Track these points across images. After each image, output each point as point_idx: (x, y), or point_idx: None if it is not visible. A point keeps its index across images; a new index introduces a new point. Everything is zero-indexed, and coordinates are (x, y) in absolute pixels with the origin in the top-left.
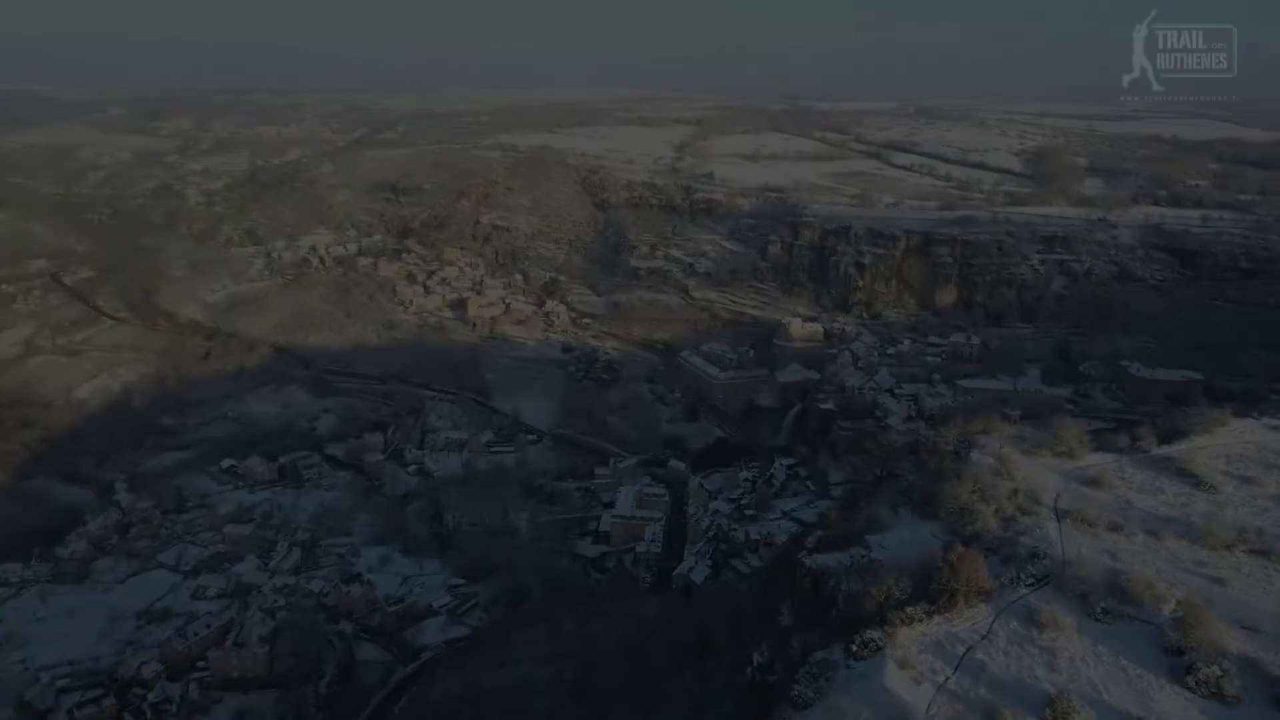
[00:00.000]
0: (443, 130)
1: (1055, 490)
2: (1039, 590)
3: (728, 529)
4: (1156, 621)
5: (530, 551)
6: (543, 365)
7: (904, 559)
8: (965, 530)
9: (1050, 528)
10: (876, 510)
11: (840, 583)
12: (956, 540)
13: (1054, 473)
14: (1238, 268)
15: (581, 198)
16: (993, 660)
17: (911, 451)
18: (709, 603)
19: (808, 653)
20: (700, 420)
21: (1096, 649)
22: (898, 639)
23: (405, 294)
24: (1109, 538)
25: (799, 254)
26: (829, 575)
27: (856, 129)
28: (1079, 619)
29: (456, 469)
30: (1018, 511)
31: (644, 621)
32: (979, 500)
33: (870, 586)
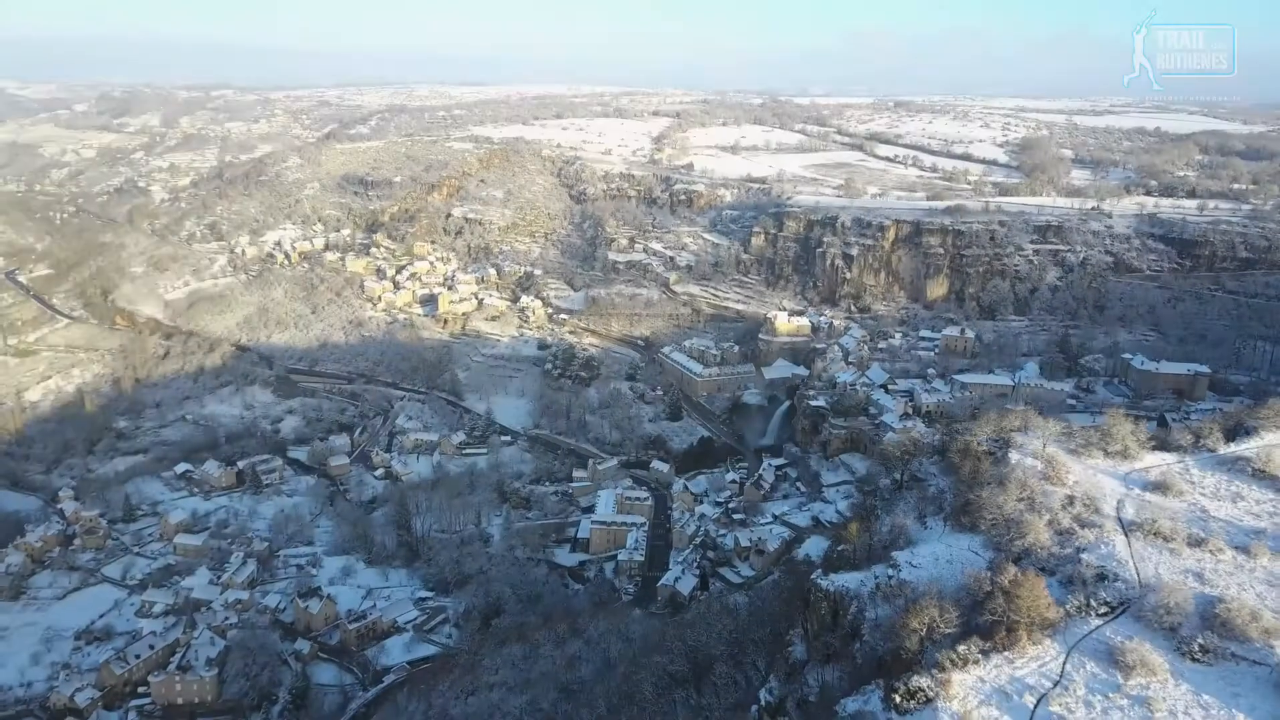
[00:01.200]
0: (415, 124)
1: (1116, 497)
2: (1115, 621)
3: (715, 535)
4: (1270, 663)
5: (504, 560)
6: (517, 363)
7: (941, 581)
8: (1013, 546)
9: (1117, 543)
10: (901, 521)
11: (865, 608)
12: (1004, 558)
13: (1110, 476)
14: (1236, 258)
15: (557, 190)
16: (1073, 715)
17: (936, 452)
18: (702, 622)
19: (830, 695)
20: (683, 419)
21: (1201, 699)
22: (952, 687)
23: (373, 290)
24: (1191, 555)
25: (783, 246)
26: (850, 598)
27: (837, 121)
28: (1171, 659)
29: (426, 472)
30: (1075, 523)
31: (629, 642)
32: (1027, 509)
33: (908, 616)
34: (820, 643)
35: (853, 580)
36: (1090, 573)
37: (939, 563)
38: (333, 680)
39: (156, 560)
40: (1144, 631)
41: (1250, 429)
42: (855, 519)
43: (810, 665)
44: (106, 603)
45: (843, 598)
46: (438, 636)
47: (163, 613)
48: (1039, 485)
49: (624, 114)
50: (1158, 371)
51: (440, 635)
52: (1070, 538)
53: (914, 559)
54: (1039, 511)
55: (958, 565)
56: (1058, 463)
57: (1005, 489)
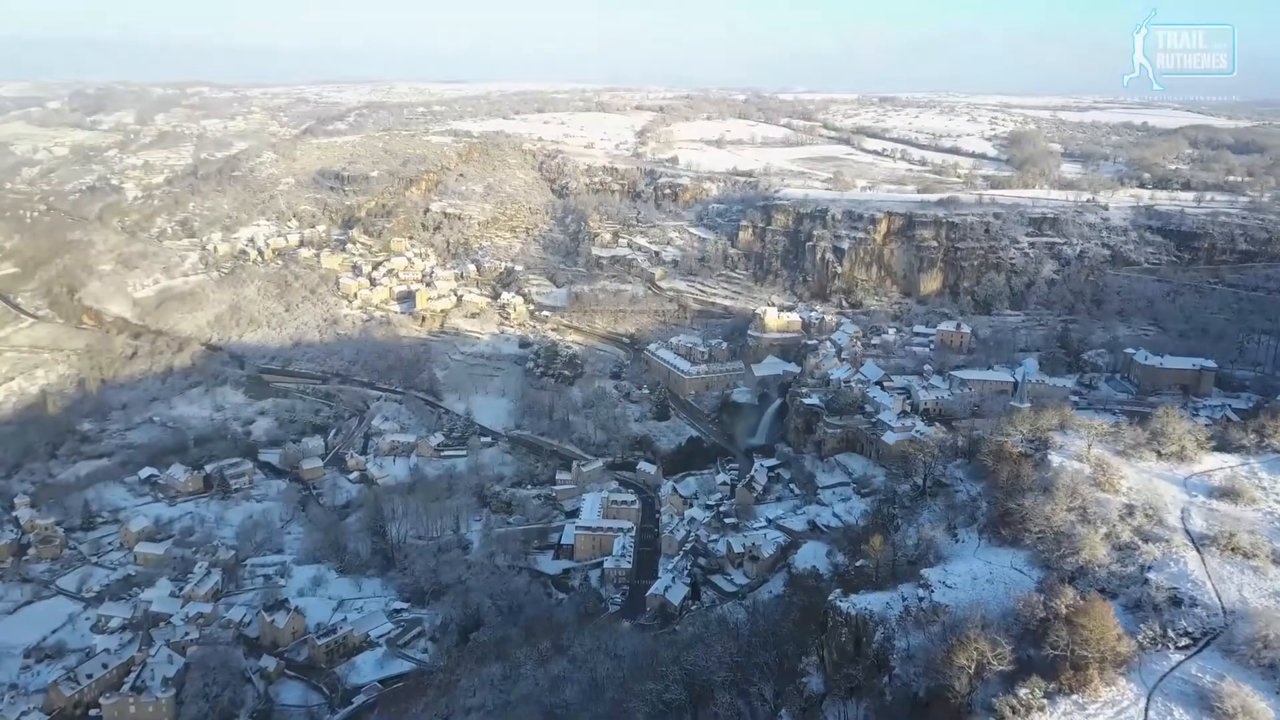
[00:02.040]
0: (393, 120)
1: (1179, 506)
2: (1199, 656)
3: (706, 540)
4: None
5: (484, 569)
6: (498, 361)
7: (983, 604)
8: (1064, 563)
9: (1189, 560)
10: (928, 533)
11: (894, 635)
12: (1056, 578)
13: (1169, 481)
14: (1236, 250)
15: (539, 184)
16: None
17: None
18: (700, 643)
19: None
20: (671, 418)
21: None
22: None
23: (349, 287)
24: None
25: (772, 240)
26: (874, 623)
27: (823, 116)
28: (1276, 703)
29: (403, 475)
30: (1136, 537)
31: (618, 660)
32: (1079, 521)
33: (954, 651)
34: (841, 675)
35: (877, 602)
36: (1161, 596)
37: (978, 583)
38: (299, 700)
39: (116, 571)
40: (1237, 669)
41: None
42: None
43: (829, 701)
44: (60, 617)
45: (866, 622)
46: (412, 651)
47: (120, 627)
48: (1090, 492)
49: (606, 108)
50: (1162, 367)
51: (415, 650)
52: (1132, 554)
53: (948, 578)
54: (1093, 523)
55: (1000, 586)
56: (1108, 466)
57: (1052, 497)
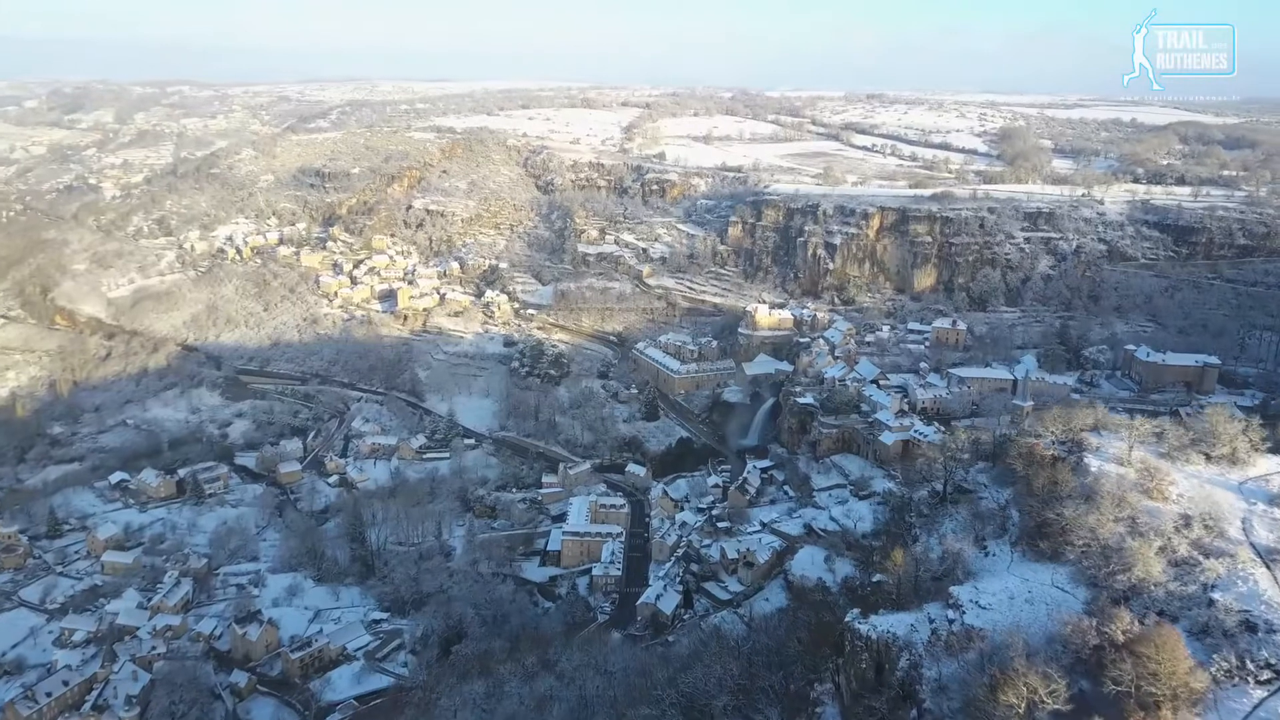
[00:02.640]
0: (376, 117)
1: (1238, 515)
2: None
3: (699, 545)
4: None
5: (467, 577)
6: (482, 361)
7: (1023, 628)
8: (1114, 581)
9: (1259, 578)
10: (954, 545)
11: (921, 663)
12: (1106, 598)
13: (1223, 487)
14: (1234, 245)
15: (524, 180)
16: None
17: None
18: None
19: None
20: (660, 419)
21: None
22: None
23: (329, 285)
24: None
25: (762, 236)
26: (898, 648)
27: (810, 112)
28: None
29: (384, 479)
30: (1196, 551)
31: (608, 677)
32: (1129, 533)
33: (998, 686)
34: (862, 707)
35: (900, 624)
36: (1232, 620)
37: (1015, 603)
38: (270, 717)
39: (82, 581)
40: None
41: None
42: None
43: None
44: (21, 630)
45: (889, 647)
46: (392, 665)
47: (84, 641)
48: (1138, 500)
49: (592, 105)
50: (1164, 363)
51: (394, 664)
52: (1192, 570)
53: (981, 597)
54: (1145, 535)
55: (1041, 606)
56: (1156, 471)
57: (1096, 506)
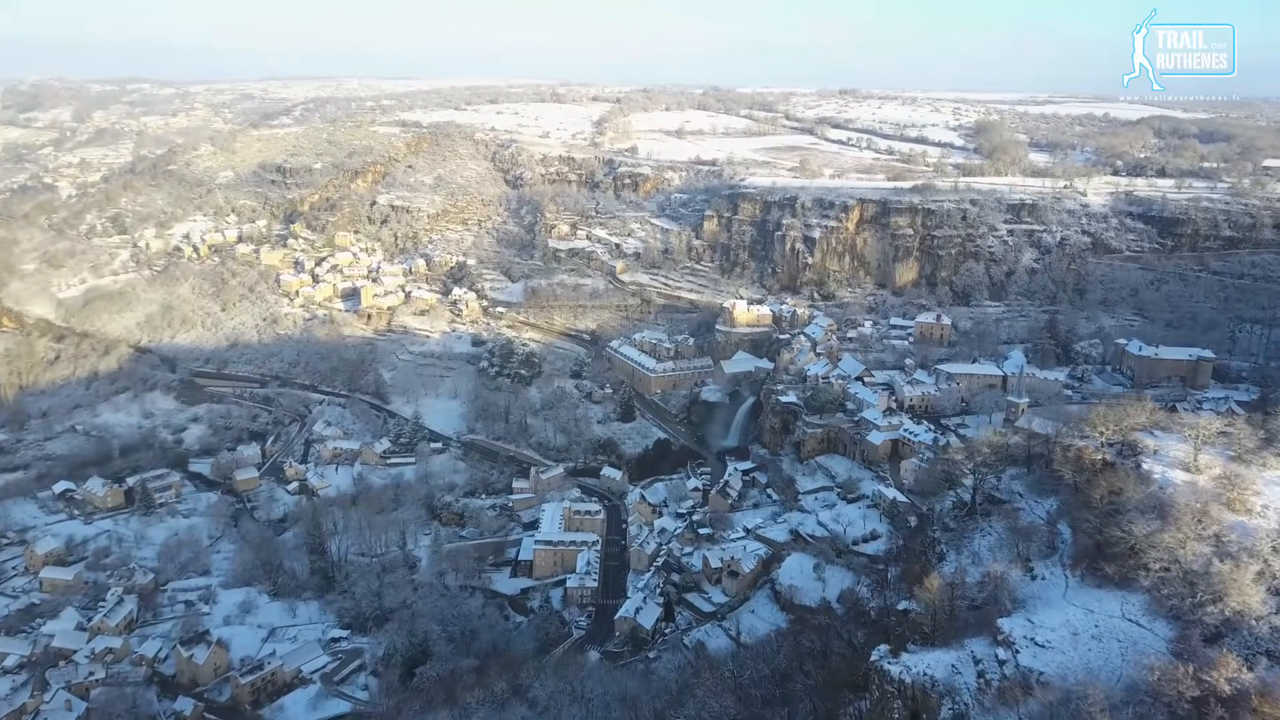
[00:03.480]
0: (341, 113)
1: None
2: None
3: (680, 554)
4: None
5: (432, 590)
6: (449, 361)
7: (1094, 672)
8: (1203, 614)
9: None
10: (995, 567)
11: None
12: (1197, 636)
13: None
14: (1219, 236)
15: (492, 175)
16: None
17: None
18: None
19: None
20: (636, 420)
21: None
22: None
23: (290, 284)
24: None
25: (738, 230)
26: (939, 694)
27: (784, 107)
28: None
29: (346, 485)
30: None
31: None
32: (1216, 554)
33: None
34: None
35: (938, 664)
36: None
37: (1080, 640)
38: None
39: (18, 599)
40: None
41: None
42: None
43: None
44: None
45: (926, 693)
46: (350, 689)
47: (16, 666)
48: (1220, 514)
49: (562, 100)
50: (1158, 357)
51: (354, 687)
52: None
53: (1036, 632)
54: (1236, 557)
55: (1113, 645)
56: (1238, 479)
57: (1171, 521)
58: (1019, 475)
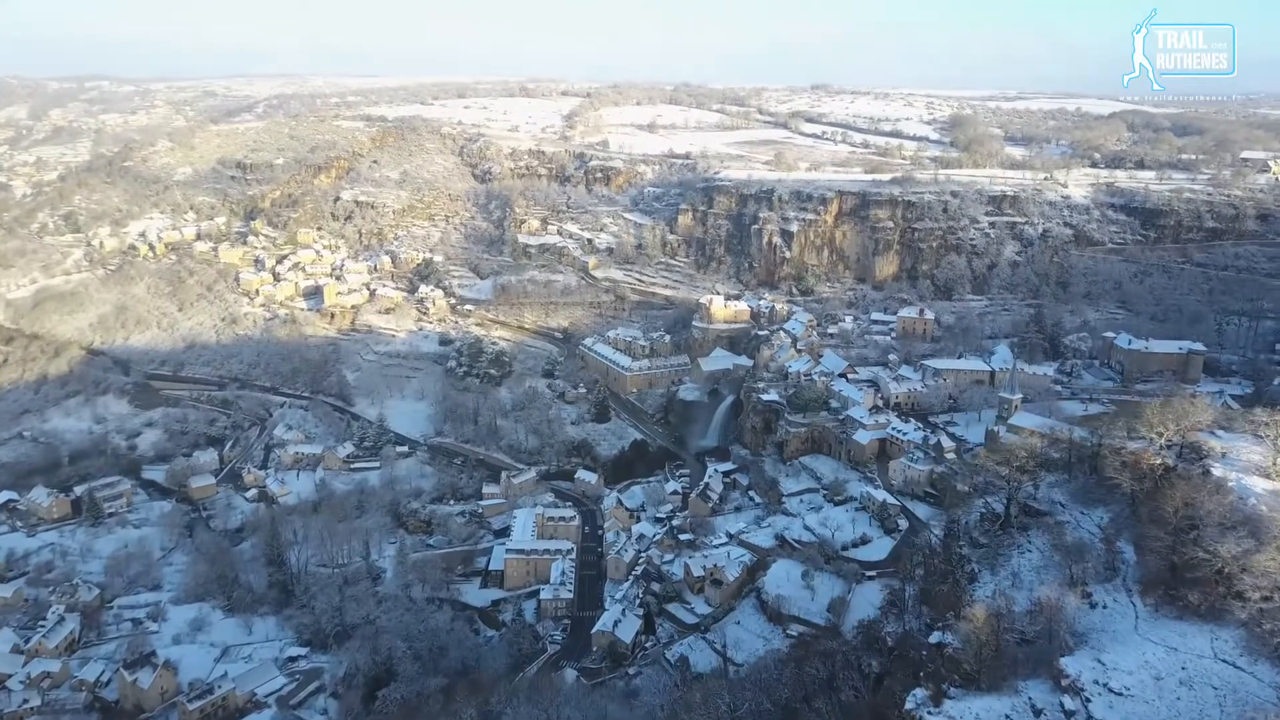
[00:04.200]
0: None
1: None
2: None
3: (660, 561)
4: None
5: (398, 603)
6: (416, 361)
7: None
8: None
9: None
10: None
11: None
12: None
13: None
14: (1203, 228)
15: (459, 169)
16: None
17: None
18: None
19: None
20: (611, 420)
21: None
22: None
23: (250, 282)
24: None
25: (714, 224)
26: None
27: (756, 102)
28: None
29: (308, 492)
30: None
31: None
32: None
33: None
34: None
35: (990, 714)
36: None
37: (1164, 686)
38: None
39: None
40: None
41: None
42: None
43: None
44: None
45: None
46: (308, 713)
47: None
48: None
49: (531, 94)
50: (1148, 351)
51: (312, 710)
52: None
53: (1110, 675)
54: None
55: (1207, 692)
56: None
57: (1268, 540)
58: (1059, 482)
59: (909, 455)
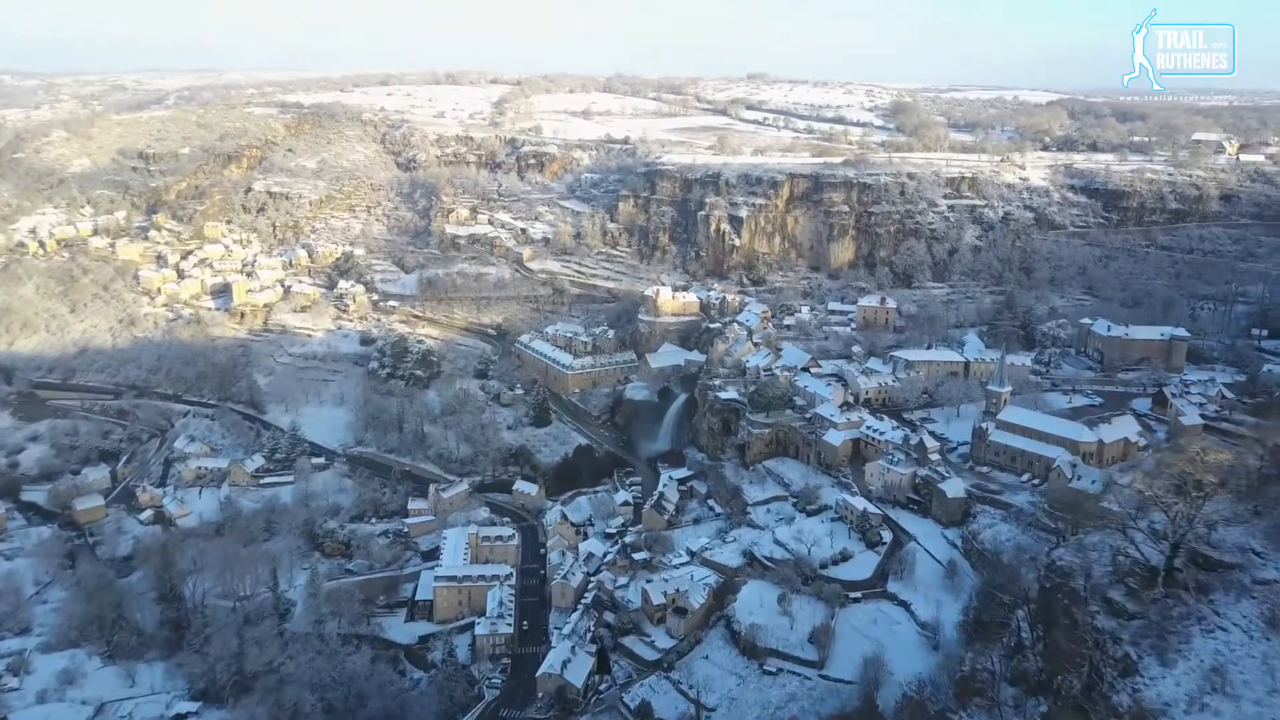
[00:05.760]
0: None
1: None
2: None
3: (613, 586)
4: None
5: (308, 644)
6: (335, 363)
7: None
8: None
9: None
10: None
11: None
12: None
13: None
14: (1166, 209)
15: (381, 157)
16: None
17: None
18: None
19: None
20: (553, 424)
21: None
22: None
23: (152, 281)
24: None
25: (657, 211)
26: None
27: (693, 90)
28: None
29: (211, 512)
30: None
31: None
32: None
33: None
34: None
35: None
36: None
37: None
38: None
39: None
40: None
41: None
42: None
43: None
44: None
45: None
46: None
47: None
48: None
49: (459, 81)
50: (1128, 338)
51: None
52: None
53: None
54: None
55: None
56: None
57: None
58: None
59: (888, 457)
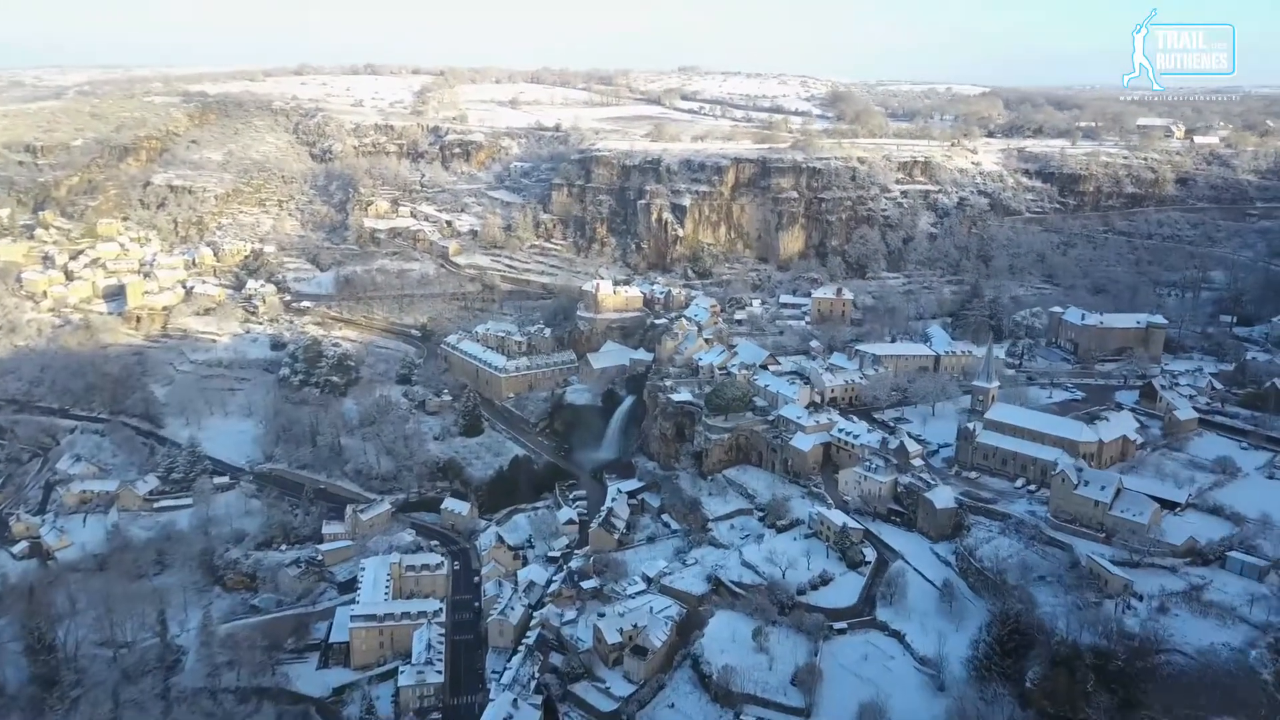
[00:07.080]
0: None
1: None
2: None
3: (559, 622)
4: None
5: (196, 704)
6: (242, 370)
7: None
8: None
9: None
10: None
11: None
12: None
13: None
14: (1123, 194)
15: (294, 149)
16: None
17: None
18: None
19: None
20: (485, 432)
21: None
22: None
23: (36, 283)
24: None
25: (594, 201)
26: None
27: (624, 80)
28: None
29: (96, 542)
30: None
31: None
32: None
33: None
34: None
35: None
36: None
37: None
38: None
39: None
40: None
41: None
42: None
43: None
44: None
45: None
46: None
47: None
48: None
49: (378, 71)
50: (1104, 326)
51: None
52: None
53: None
54: None
55: None
56: None
57: None
58: None
59: (864, 464)
